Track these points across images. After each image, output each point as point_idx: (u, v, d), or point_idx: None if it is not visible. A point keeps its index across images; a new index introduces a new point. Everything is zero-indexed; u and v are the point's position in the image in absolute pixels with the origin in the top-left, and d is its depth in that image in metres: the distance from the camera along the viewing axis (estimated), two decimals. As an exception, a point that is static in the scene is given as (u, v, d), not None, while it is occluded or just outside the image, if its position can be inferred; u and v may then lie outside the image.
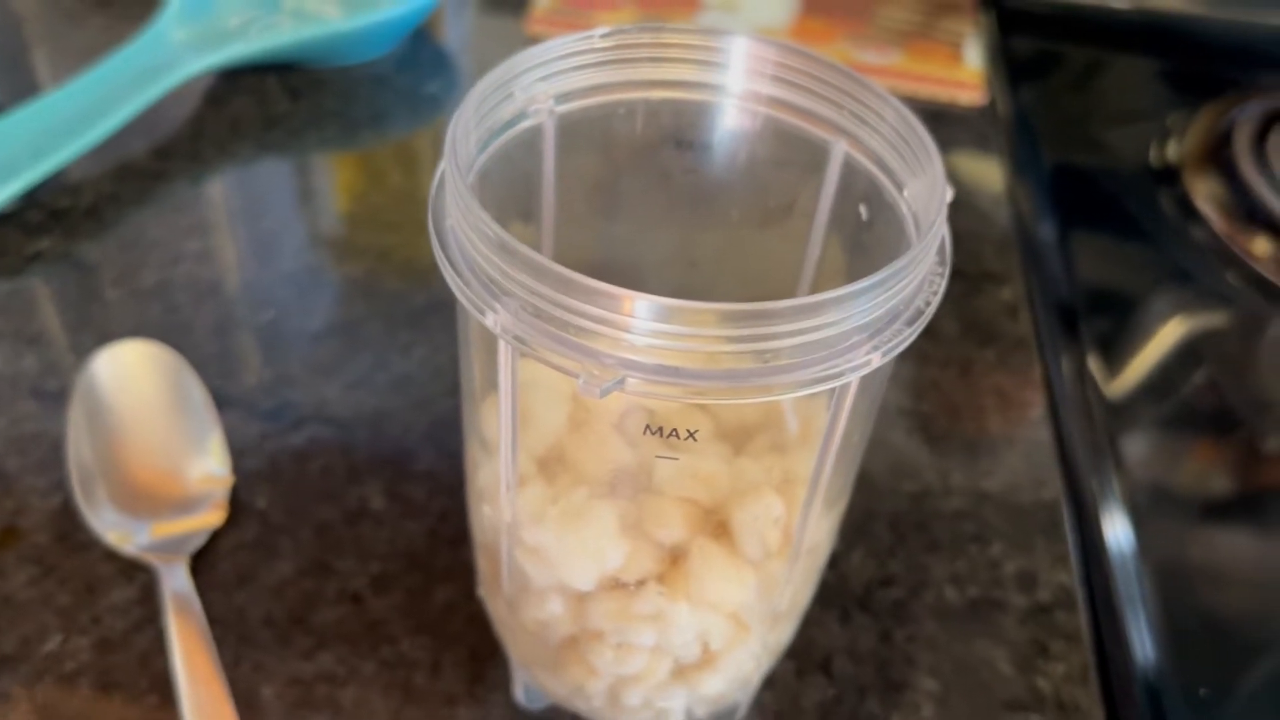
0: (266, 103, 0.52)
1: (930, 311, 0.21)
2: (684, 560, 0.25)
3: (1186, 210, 0.56)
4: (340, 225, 0.48)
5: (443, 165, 0.23)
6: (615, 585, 0.25)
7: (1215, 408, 0.47)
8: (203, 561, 0.34)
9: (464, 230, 0.21)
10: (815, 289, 0.28)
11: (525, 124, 0.25)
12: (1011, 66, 0.65)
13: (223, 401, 0.38)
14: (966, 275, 0.48)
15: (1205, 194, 0.57)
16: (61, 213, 0.46)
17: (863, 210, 0.26)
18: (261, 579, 0.34)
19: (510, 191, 0.27)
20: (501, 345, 0.22)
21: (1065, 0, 0.71)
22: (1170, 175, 0.58)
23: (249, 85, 0.53)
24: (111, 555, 0.34)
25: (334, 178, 0.51)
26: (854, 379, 0.20)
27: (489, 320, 0.21)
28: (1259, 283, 0.53)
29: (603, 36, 0.25)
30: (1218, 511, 0.42)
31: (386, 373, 0.41)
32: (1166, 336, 0.51)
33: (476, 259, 0.21)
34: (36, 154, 0.44)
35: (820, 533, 0.26)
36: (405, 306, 0.44)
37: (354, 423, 0.39)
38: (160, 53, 0.49)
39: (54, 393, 0.39)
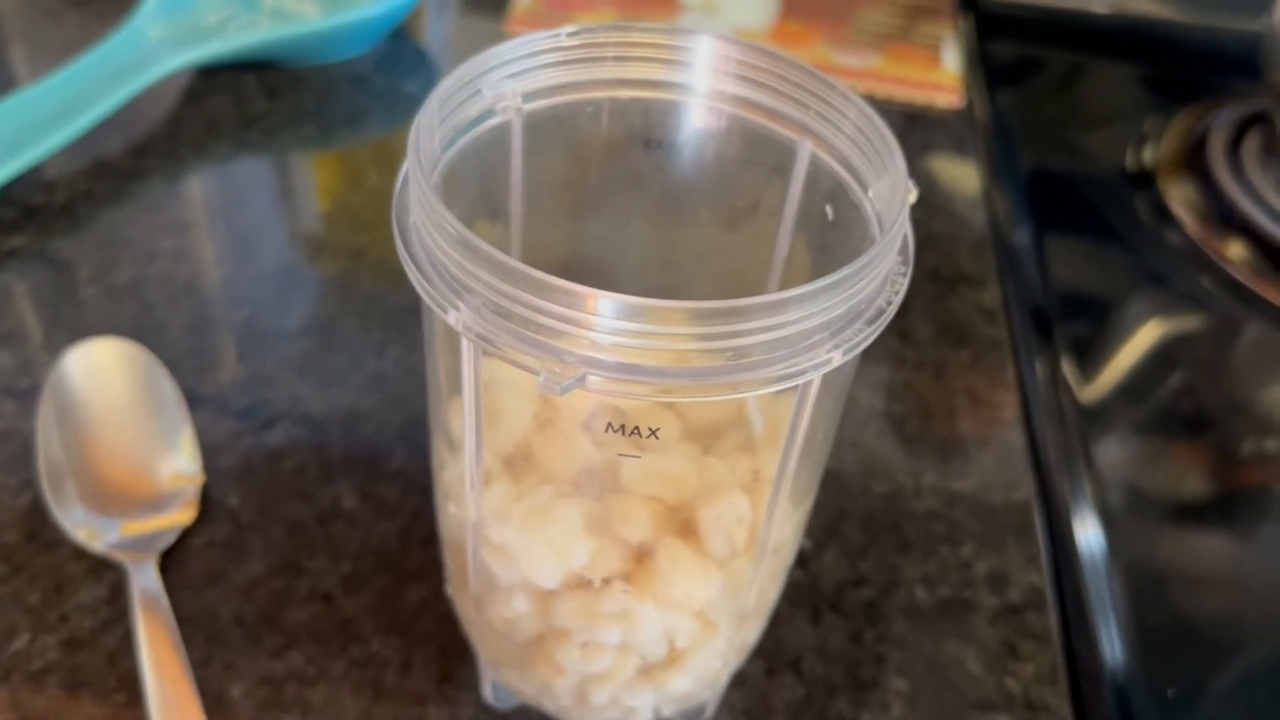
0: (244, 101, 0.52)
1: (891, 310, 0.22)
2: (650, 559, 0.25)
3: (1162, 214, 0.56)
4: (317, 224, 0.48)
5: (407, 162, 0.23)
6: (581, 584, 0.25)
7: (1189, 411, 0.48)
8: (172, 560, 0.34)
9: (426, 227, 0.21)
10: (783, 288, 0.28)
11: (492, 121, 0.25)
12: (989, 70, 0.66)
13: (196, 400, 0.38)
14: (942, 277, 0.48)
15: (1180, 198, 0.57)
16: (36, 210, 0.45)
17: (829, 210, 0.26)
18: (232, 578, 0.34)
19: (477, 190, 0.27)
20: (465, 343, 0.22)
21: (1043, 4, 0.71)
22: (1146, 179, 0.58)
23: (227, 83, 0.53)
24: (81, 554, 0.34)
25: (311, 177, 0.51)
26: (816, 377, 0.20)
27: (451, 318, 0.21)
28: (1233, 287, 0.53)
29: (570, 35, 0.25)
30: (1189, 514, 0.42)
31: (361, 372, 0.41)
32: (1141, 340, 0.51)
33: (439, 256, 0.21)
34: (11, 150, 0.44)
35: (786, 531, 0.26)
36: (380, 306, 0.44)
37: (328, 421, 0.39)
38: (137, 49, 0.49)
39: (26, 390, 0.38)
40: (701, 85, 0.26)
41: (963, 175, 0.55)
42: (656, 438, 0.22)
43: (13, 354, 0.40)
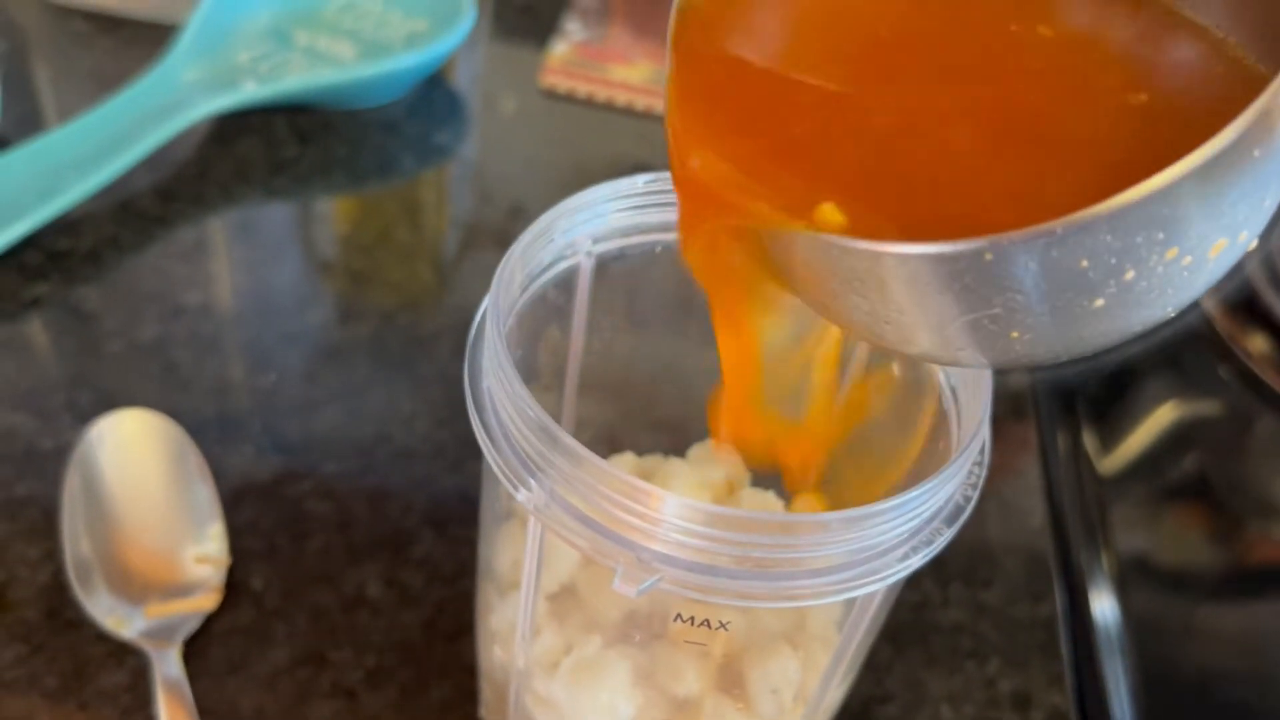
0: (274, 145, 0.51)
1: (970, 507, 0.21)
2: (697, 713, 0.25)
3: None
4: (346, 283, 0.47)
5: (481, 312, 0.23)
6: (626, 736, 0.25)
7: (1198, 493, 0.48)
8: (194, 646, 0.34)
9: (503, 402, 0.21)
10: (841, 435, 0.28)
11: (563, 265, 0.25)
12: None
13: (219, 470, 0.38)
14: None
15: (1206, 284, 0.57)
16: (61, 255, 0.45)
17: (895, 369, 0.26)
18: (254, 667, 0.34)
19: (543, 323, 0.26)
20: (532, 520, 0.21)
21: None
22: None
23: (257, 125, 0.52)
24: (102, 636, 0.33)
25: (340, 230, 0.50)
26: (894, 582, 0.20)
27: (521, 496, 0.20)
28: (1251, 380, 0.53)
29: (646, 182, 0.25)
30: (1217, 630, 0.42)
31: (387, 446, 0.40)
32: (1157, 421, 0.52)
33: (514, 434, 0.21)
34: (39, 195, 0.44)
35: (837, 695, 0.26)
36: (409, 374, 0.43)
37: (353, 499, 0.39)
38: (170, 91, 0.48)
39: (48, 453, 0.38)
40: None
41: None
42: (726, 629, 0.22)
43: (35, 413, 0.39)
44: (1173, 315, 0.18)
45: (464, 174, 0.54)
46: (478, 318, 0.23)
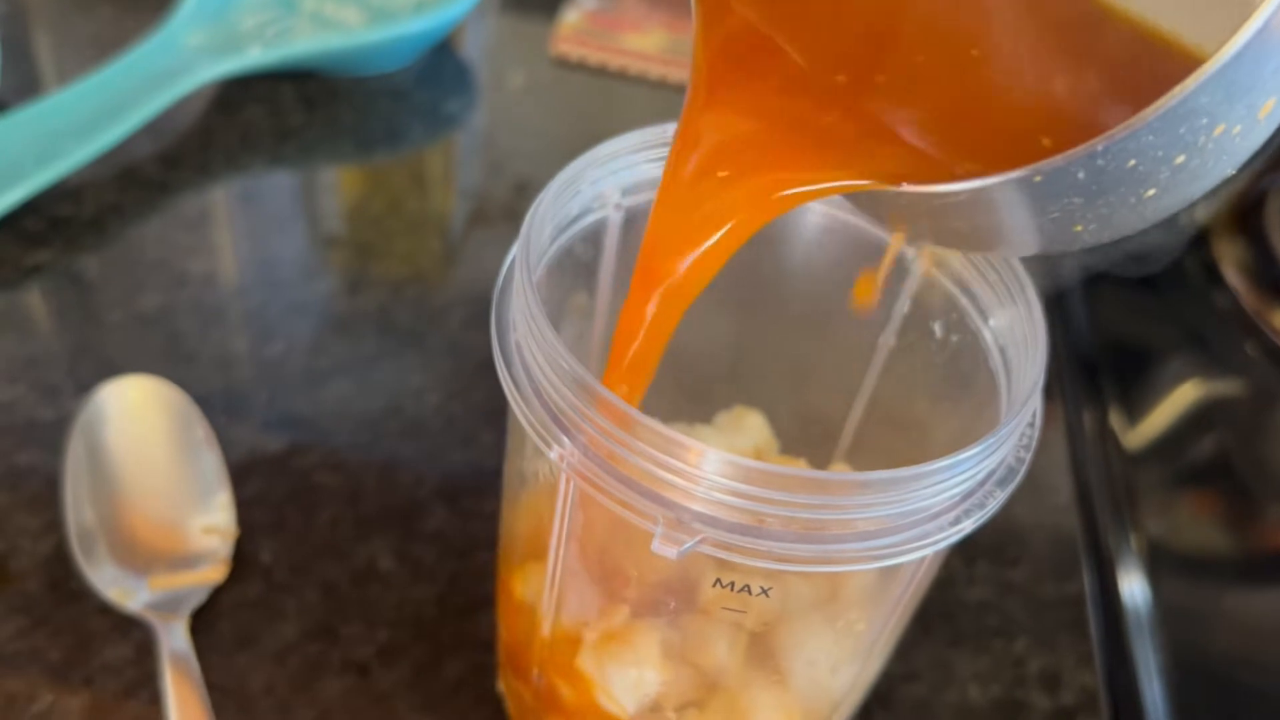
0: (280, 113, 0.50)
1: (1023, 469, 0.20)
2: (727, 688, 0.24)
3: (1212, 274, 0.55)
4: (352, 251, 0.46)
5: (508, 264, 0.22)
6: (654, 709, 0.24)
7: (1221, 472, 0.47)
8: (201, 619, 0.33)
9: (533, 354, 0.20)
10: (875, 400, 0.27)
11: (591, 218, 0.24)
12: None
13: (227, 443, 0.36)
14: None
15: (1233, 260, 0.56)
16: (62, 221, 0.44)
17: (936, 329, 0.25)
18: (263, 642, 0.33)
19: (570, 282, 0.25)
20: (563, 478, 0.20)
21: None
22: (1199, 237, 0.57)
23: (262, 92, 0.51)
24: (105, 608, 0.32)
25: (346, 198, 0.49)
26: (946, 546, 0.19)
27: (553, 454, 0.19)
28: (1277, 356, 0.52)
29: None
30: (1246, 609, 0.42)
31: (398, 418, 0.39)
32: (1180, 399, 0.51)
33: (546, 388, 0.19)
34: (39, 160, 0.42)
35: (874, 669, 0.25)
36: (419, 347, 0.42)
37: (363, 471, 0.37)
38: (173, 56, 0.47)
39: (50, 423, 0.37)
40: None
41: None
42: (767, 595, 0.21)
43: (37, 383, 0.38)
44: (1233, 173, 0.18)
45: (473, 144, 0.53)
46: (504, 269, 0.22)
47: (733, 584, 0.20)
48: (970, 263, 0.23)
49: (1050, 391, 0.45)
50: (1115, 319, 0.52)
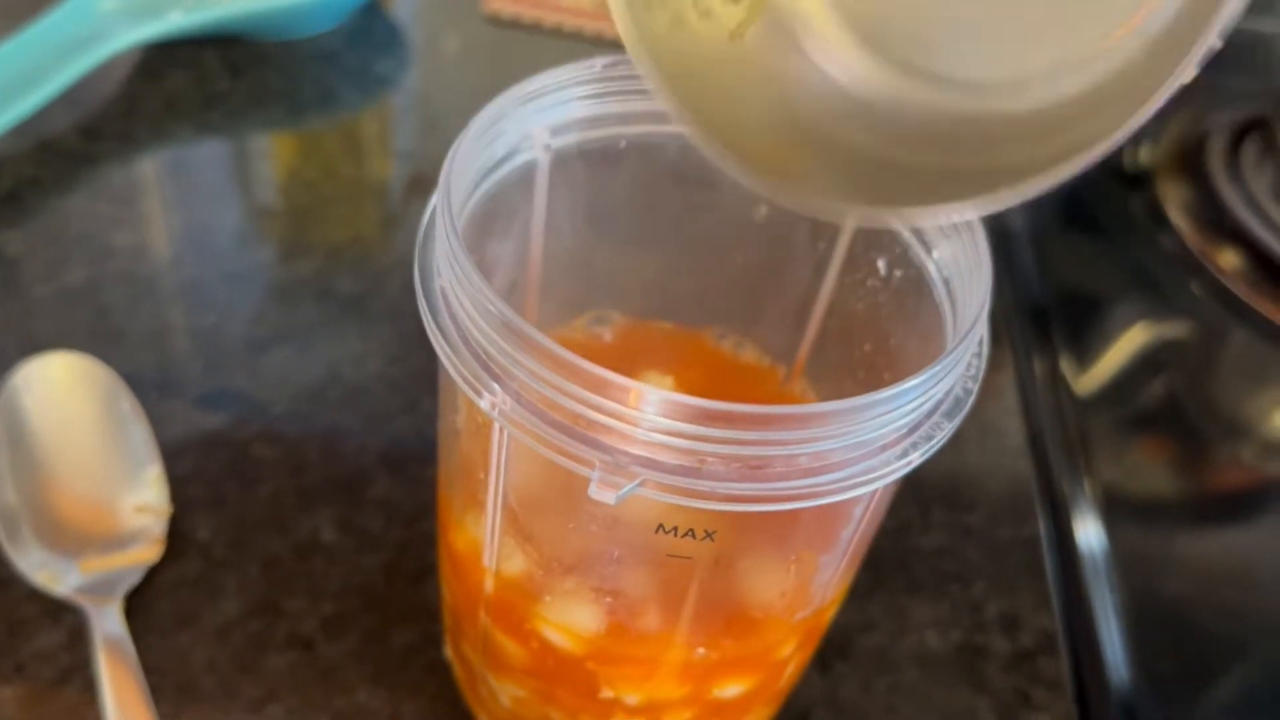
0: (205, 79, 0.48)
1: (970, 400, 0.20)
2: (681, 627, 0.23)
3: (1157, 217, 0.55)
4: (287, 219, 0.45)
5: (430, 210, 0.21)
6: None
7: (1170, 415, 0.47)
8: (138, 601, 0.32)
9: (459, 300, 0.19)
10: (821, 341, 0.26)
11: (519, 160, 0.23)
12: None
13: (159, 419, 0.35)
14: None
15: (1177, 201, 0.56)
16: (-22, 197, 0.42)
17: (881, 265, 0.24)
18: (204, 620, 0.32)
19: (499, 229, 0.24)
20: (496, 428, 0.19)
21: None
22: (1143, 180, 0.57)
23: (186, 58, 0.49)
24: (34, 593, 0.31)
25: (279, 165, 0.47)
26: (895, 479, 0.18)
27: (484, 403, 0.18)
28: (1224, 295, 0.52)
29: (605, 66, 0.23)
30: (1201, 549, 0.42)
31: (339, 386, 0.38)
32: (1130, 342, 0.51)
33: (474, 334, 0.19)
34: (-50, 133, 0.41)
35: (828, 616, 0.24)
36: (358, 312, 0.41)
37: (304, 443, 0.36)
38: (88, 22, 0.45)
39: (-29, 405, 0.35)
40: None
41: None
42: (713, 539, 0.20)
43: (-45, 363, 0.37)
44: None
45: (407, 105, 0.52)
46: (425, 215, 0.21)
47: (676, 529, 0.20)
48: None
49: (1000, 338, 0.45)
50: (1062, 264, 0.52)
